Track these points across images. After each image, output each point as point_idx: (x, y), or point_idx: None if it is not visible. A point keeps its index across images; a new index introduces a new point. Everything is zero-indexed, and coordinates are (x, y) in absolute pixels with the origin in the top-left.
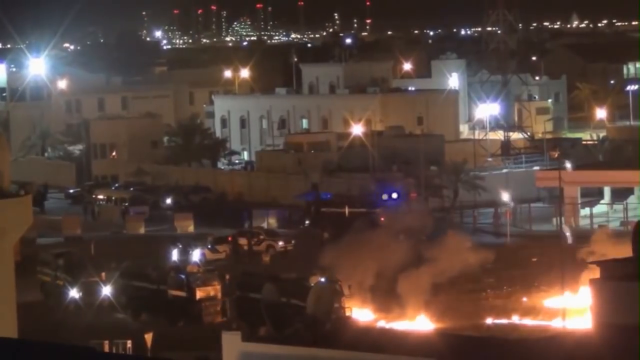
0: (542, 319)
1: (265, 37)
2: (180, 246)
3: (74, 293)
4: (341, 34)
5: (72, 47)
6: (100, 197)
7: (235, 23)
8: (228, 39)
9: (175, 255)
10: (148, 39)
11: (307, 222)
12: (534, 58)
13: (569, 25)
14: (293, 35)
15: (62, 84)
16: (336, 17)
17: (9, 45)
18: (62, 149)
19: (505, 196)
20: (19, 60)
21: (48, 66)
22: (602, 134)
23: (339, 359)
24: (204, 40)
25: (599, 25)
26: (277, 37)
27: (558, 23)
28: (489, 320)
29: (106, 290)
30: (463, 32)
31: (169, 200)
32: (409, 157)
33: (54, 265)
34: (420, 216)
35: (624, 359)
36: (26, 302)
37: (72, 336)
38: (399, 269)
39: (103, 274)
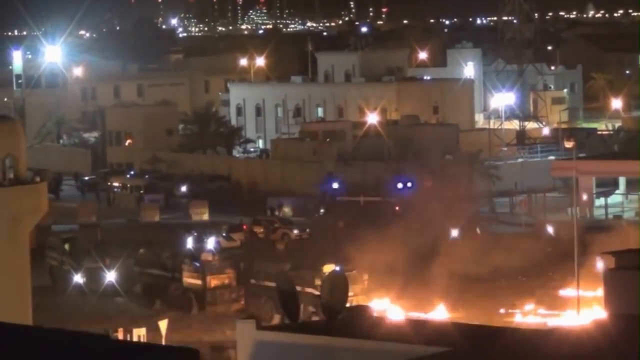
0: (556, 309)
1: (281, 25)
2: (195, 234)
3: (78, 278)
4: (357, 23)
5: (88, 34)
6: (116, 184)
7: (251, 11)
8: (244, 27)
9: (190, 243)
10: (164, 26)
11: (322, 210)
12: (549, 48)
13: (585, 15)
14: (309, 24)
15: (78, 71)
16: (352, 5)
17: (24, 32)
18: (77, 136)
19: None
20: (34, 47)
21: (64, 53)
22: (618, 124)
23: (354, 348)
24: (220, 28)
25: (615, 15)
26: (292, 26)
27: (574, 12)
28: (503, 310)
29: (110, 276)
30: (479, 21)
31: (184, 188)
32: (424, 147)
33: (61, 250)
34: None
35: (638, 350)
36: (35, 286)
37: (84, 322)
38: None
39: (107, 260)
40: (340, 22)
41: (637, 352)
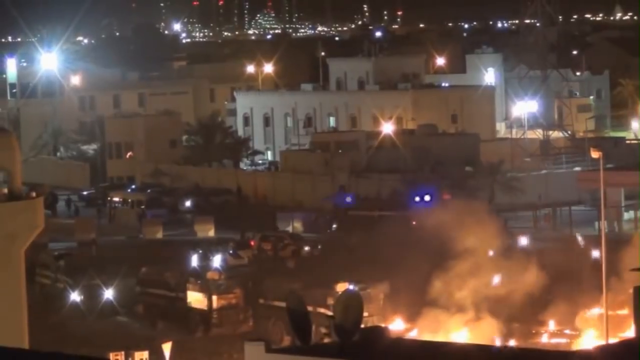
0: (581, 329)
1: (291, 30)
2: (201, 251)
3: (75, 296)
4: (371, 27)
5: (86, 40)
6: (116, 199)
7: (258, 15)
8: (251, 31)
9: (195, 261)
10: (166, 32)
11: (334, 226)
12: (574, 52)
13: (611, 18)
14: (320, 28)
15: (76, 79)
16: (365, 8)
17: (19, 39)
18: (75, 148)
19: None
20: (30, 55)
21: (60, 61)
22: None
23: None
24: (226, 34)
25: None
26: (302, 30)
27: (600, 15)
28: (527, 330)
29: (109, 294)
30: (500, 24)
31: (188, 203)
32: (442, 157)
33: (54, 267)
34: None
35: None
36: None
37: (83, 345)
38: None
39: (104, 277)
40: (353, 26)
41: None
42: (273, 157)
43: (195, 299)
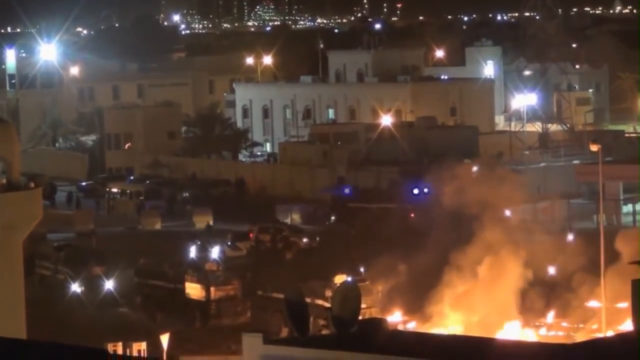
0: (581, 322)
1: (290, 22)
2: (199, 243)
3: (76, 287)
4: (370, 19)
5: (85, 31)
6: (114, 190)
7: (257, 7)
8: (250, 23)
9: (193, 252)
10: (166, 23)
11: (332, 217)
12: (574, 45)
13: (611, 11)
14: (319, 20)
15: (75, 70)
16: (365, 0)
17: (18, 30)
18: (74, 139)
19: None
20: (29, 46)
21: (60, 52)
22: None
23: None
24: (225, 25)
25: None
26: (302, 22)
27: (600, 8)
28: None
29: (109, 285)
30: (499, 17)
31: (186, 194)
32: (441, 150)
33: (55, 258)
34: None
35: None
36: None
37: (82, 336)
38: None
39: (103, 269)
40: (353, 18)
41: None
42: (272, 148)
43: (194, 290)
